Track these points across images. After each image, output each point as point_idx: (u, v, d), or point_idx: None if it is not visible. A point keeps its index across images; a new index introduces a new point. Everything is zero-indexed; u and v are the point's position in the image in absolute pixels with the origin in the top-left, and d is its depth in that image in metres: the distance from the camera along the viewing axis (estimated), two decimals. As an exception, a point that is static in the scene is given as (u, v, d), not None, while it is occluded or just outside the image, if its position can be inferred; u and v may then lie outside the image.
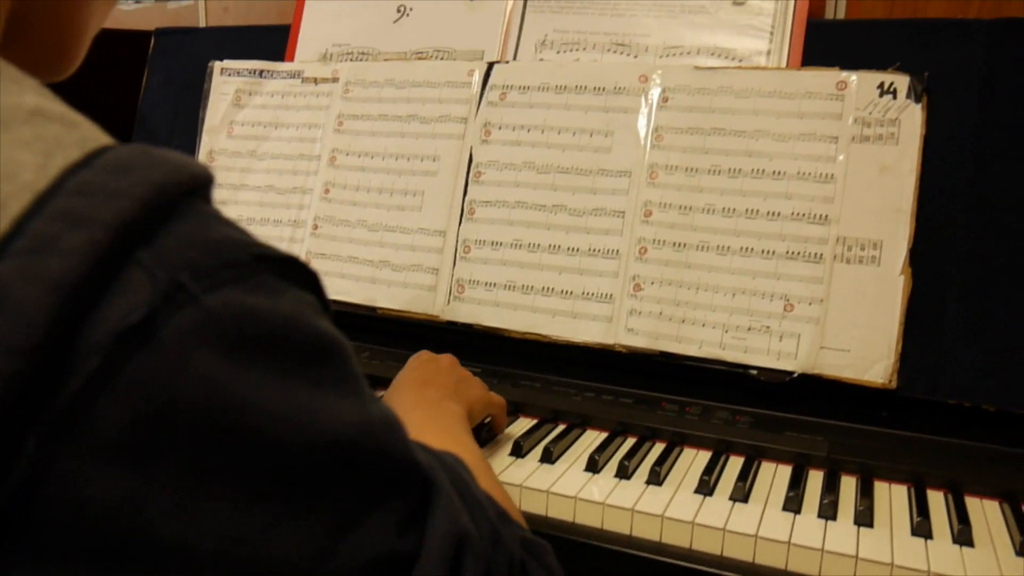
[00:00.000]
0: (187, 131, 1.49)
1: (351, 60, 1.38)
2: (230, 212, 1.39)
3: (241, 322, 0.39)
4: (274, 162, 1.39)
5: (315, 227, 1.32)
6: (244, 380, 0.39)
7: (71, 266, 0.35)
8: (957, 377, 1.01)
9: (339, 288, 1.29)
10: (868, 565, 0.79)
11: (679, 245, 1.10)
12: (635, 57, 1.20)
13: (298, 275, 0.45)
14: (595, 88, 1.18)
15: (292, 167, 1.37)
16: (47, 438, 0.34)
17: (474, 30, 1.31)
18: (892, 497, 0.91)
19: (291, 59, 1.43)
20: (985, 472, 0.93)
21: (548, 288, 1.16)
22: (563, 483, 0.91)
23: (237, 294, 0.39)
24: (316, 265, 1.29)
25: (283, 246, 1.32)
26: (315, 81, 1.38)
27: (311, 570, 0.41)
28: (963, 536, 0.82)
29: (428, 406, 0.83)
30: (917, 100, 1.05)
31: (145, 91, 1.56)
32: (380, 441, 0.45)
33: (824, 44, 1.12)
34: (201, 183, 0.41)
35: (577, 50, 1.24)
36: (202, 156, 1.44)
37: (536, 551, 0.56)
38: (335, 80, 1.36)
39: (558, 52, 1.25)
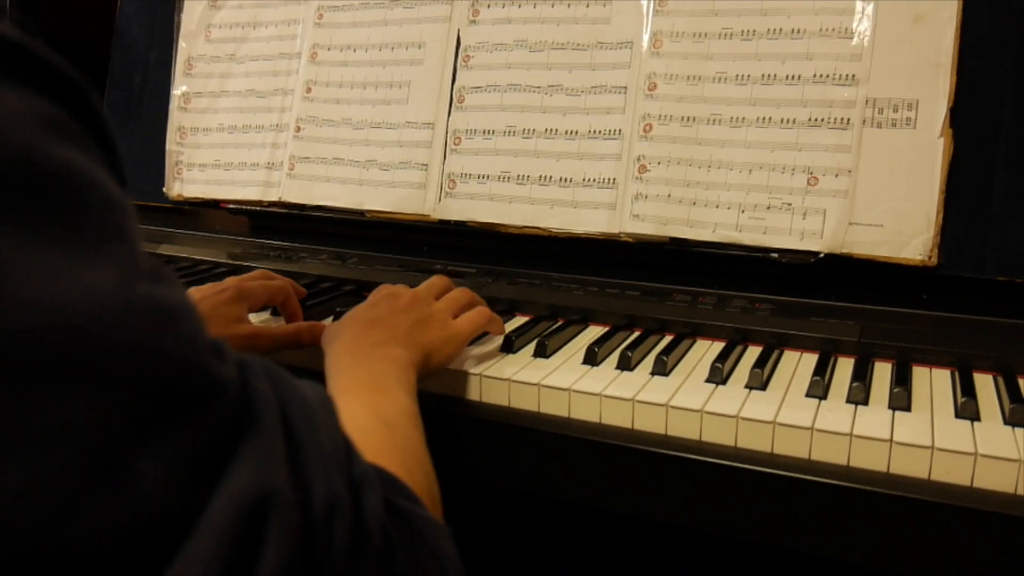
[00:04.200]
0: (165, 40, 1.39)
1: (330, -54, 1.27)
2: (211, 121, 1.31)
3: None
4: (254, 64, 1.29)
5: (298, 129, 1.22)
6: None
7: None
8: (1007, 251, 0.89)
9: (325, 193, 1.19)
10: (905, 450, 0.67)
11: (688, 120, 0.99)
12: (635, -86, 1.08)
13: (33, 72, 0.31)
14: (591, -49, 1.06)
15: (272, 68, 1.27)
16: None
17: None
18: (933, 381, 0.80)
19: (268, -48, 1.33)
20: (1041, 352, 0.81)
21: (545, 177, 1.05)
22: (557, 376, 0.81)
23: None
24: (301, 170, 1.19)
25: (266, 152, 1.24)
26: (293, -28, 1.27)
27: (34, 537, 0.29)
28: (1016, 416, 0.70)
29: (365, 350, 0.71)
30: (956, -62, 0.91)
31: (121, 3, 1.46)
32: (141, 333, 0.31)
33: None
34: None
35: (570, -89, 1.11)
36: (180, 64, 1.35)
37: (412, 525, 0.44)
38: (314, -30, 1.25)
39: (550, -85, 1.12)
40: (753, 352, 0.86)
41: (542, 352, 0.86)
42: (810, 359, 0.84)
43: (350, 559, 0.38)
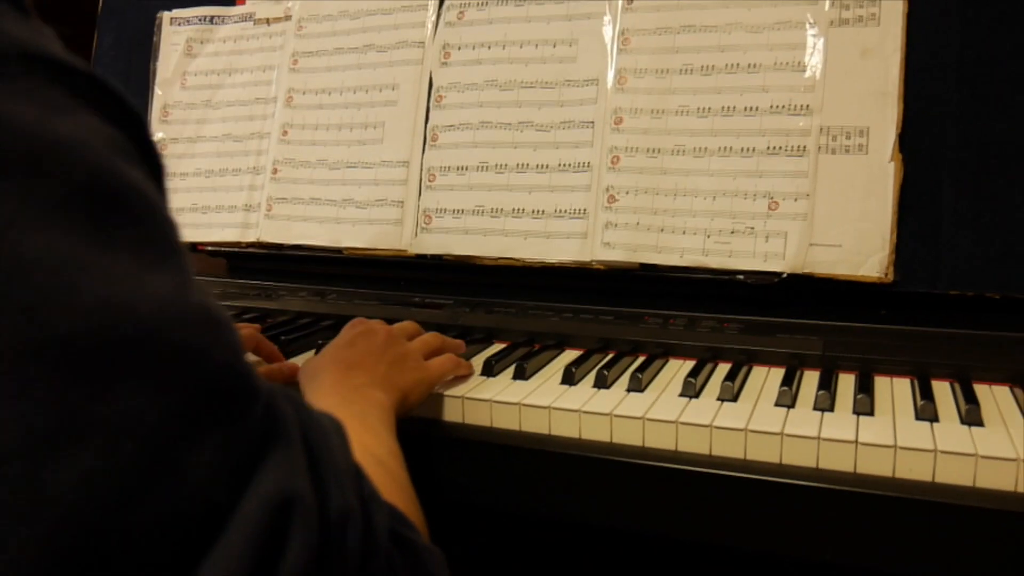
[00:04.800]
0: (141, 89, 1.42)
1: (303, -4, 1.32)
2: (188, 166, 1.33)
3: None
4: (230, 109, 1.32)
5: (275, 171, 1.26)
6: None
7: None
8: (957, 266, 0.94)
9: (303, 232, 1.23)
10: (870, 450, 0.71)
11: (653, 151, 1.03)
12: (596, -41, 1.13)
13: (103, 101, 0.35)
14: (556, -5, 1.11)
15: (248, 112, 1.30)
16: None
17: (427, -51, 1.24)
18: (894, 389, 0.84)
19: (242, 2, 1.37)
20: (993, 359, 0.86)
21: (519, 209, 1.09)
22: (537, 395, 0.84)
23: None
24: (278, 210, 1.22)
25: (243, 195, 1.27)
26: (267, 22, 1.32)
27: (96, 523, 0.31)
28: (972, 416, 0.74)
29: (348, 391, 0.73)
30: (898, -24, 0.98)
31: (96, 52, 1.50)
32: (196, 336, 0.34)
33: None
34: None
35: (535, -42, 1.17)
36: (156, 111, 1.38)
37: (414, 552, 0.46)
38: (288, 18, 1.30)
39: (516, -38, 1.18)
40: (723, 368, 0.90)
41: (521, 374, 0.89)
42: (778, 373, 0.88)
43: (361, 567, 0.41)
